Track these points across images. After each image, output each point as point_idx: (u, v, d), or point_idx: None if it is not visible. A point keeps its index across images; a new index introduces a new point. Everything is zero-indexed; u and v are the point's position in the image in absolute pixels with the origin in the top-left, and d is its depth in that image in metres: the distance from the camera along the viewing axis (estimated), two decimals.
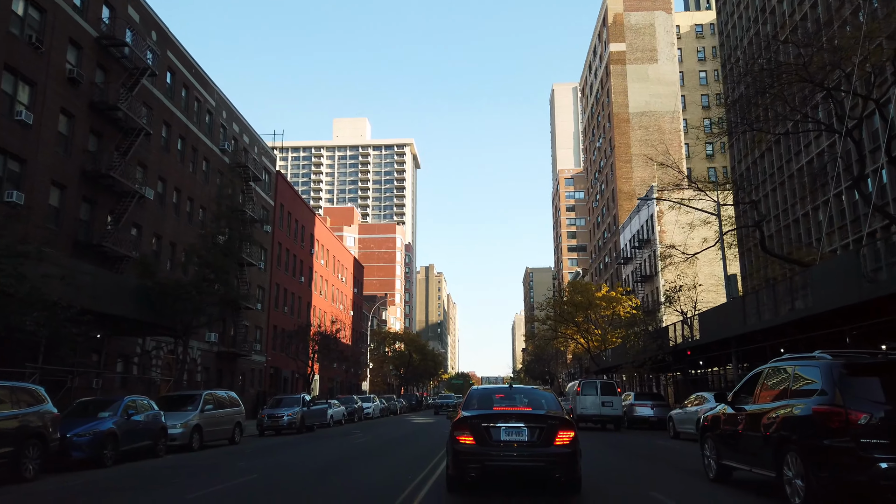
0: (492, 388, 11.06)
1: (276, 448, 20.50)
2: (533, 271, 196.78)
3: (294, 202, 58.83)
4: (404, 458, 16.13)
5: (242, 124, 47.14)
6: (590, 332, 53.04)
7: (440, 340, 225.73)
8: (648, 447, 20.03)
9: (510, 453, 8.87)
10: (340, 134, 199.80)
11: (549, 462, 8.81)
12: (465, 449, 8.95)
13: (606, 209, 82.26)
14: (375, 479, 12.16)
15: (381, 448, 19.42)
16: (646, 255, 61.83)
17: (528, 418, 9.08)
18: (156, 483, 12.65)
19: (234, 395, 23.66)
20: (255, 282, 48.44)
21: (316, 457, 16.80)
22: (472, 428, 9.00)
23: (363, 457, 16.54)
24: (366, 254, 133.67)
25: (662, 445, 20.67)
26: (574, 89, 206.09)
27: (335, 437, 25.39)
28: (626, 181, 75.30)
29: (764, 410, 9.01)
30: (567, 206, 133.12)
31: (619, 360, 43.45)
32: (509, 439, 8.89)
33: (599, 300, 52.97)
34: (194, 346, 38.18)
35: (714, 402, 21.33)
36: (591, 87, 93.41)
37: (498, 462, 8.86)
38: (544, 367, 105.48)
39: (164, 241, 35.00)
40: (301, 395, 30.35)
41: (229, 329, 43.48)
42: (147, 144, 33.42)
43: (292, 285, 57.17)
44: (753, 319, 22.14)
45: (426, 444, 20.25)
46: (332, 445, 21.04)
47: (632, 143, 76.22)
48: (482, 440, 8.89)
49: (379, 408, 50.41)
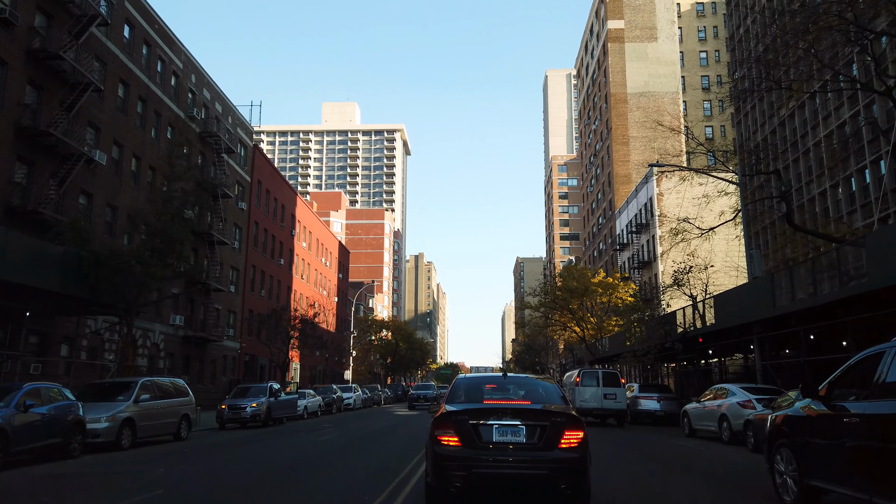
0: (482, 376, 9.11)
1: (221, 448, 17.30)
2: (524, 261, 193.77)
3: (273, 180, 55.36)
4: (372, 462, 12.96)
5: (214, 91, 43.59)
6: (585, 320, 50.05)
7: (429, 330, 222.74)
8: (666, 448, 16.97)
9: (504, 458, 7.04)
10: (329, 118, 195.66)
11: (553, 469, 6.99)
12: (449, 452, 7.11)
13: (602, 194, 79.21)
14: (321, 499, 8.98)
15: (347, 448, 16.24)
16: (643, 241, 58.86)
17: (527, 414, 7.29)
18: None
19: (180, 383, 20.37)
20: (229, 262, 45.08)
21: (260, 460, 13.61)
22: (457, 426, 7.16)
23: (320, 460, 13.37)
24: (353, 240, 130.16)
25: (681, 446, 17.61)
26: (568, 76, 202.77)
27: (301, 433, 22.22)
28: (623, 164, 72.21)
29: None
30: (560, 193, 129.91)
31: (617, 349, 40.41)
32: (503, 440, 7.12)
33: (596, 286, 49.94)
34: (156, 330, 34.88)
35: (743, 395, 18.45)
36: (587, 68, 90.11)
37: (489, 469, 7.00)
38: (535, 357, 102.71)
39: (119, 212, 31.53)
40: (268, 384, 27.10)
41: (198, 312, 40.13)
42: (100, 104, 29.95)
43: (271, 268, 53.79)
44: (786, 300, 19.08)
45: (400, 444, 17.11)
46: (291, 443, 17.85)
47: (629, 125, 73.09)
48: (470, 441, 7.10)
49: (361, 398, 47.26)
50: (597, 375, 25.73)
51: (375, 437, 20.24)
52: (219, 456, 15.05)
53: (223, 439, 20.08)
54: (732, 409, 17.69)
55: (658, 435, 21.62)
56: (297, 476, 11.25)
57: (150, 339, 34.19)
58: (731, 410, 17.71)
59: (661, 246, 54.83)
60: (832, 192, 28.23)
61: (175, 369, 37.11)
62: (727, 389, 18.94)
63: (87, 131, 29.02)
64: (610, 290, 50.83)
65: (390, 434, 21.27)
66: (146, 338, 33.82)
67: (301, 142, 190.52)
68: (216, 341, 41.74)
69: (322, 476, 11.12)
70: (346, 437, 19.75)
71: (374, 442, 18.05)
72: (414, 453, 13.92)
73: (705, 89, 78.46)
